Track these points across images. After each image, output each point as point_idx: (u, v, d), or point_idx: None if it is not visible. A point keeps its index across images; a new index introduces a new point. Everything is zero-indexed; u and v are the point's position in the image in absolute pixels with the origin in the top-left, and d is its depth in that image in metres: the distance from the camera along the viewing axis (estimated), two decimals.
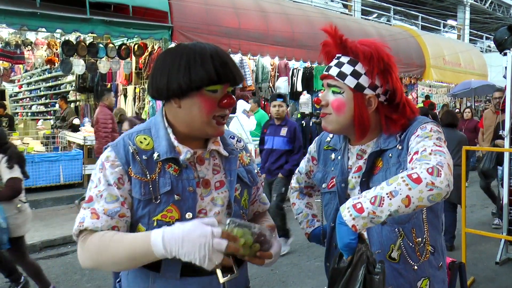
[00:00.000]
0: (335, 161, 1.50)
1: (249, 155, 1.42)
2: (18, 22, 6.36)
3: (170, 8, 7.77)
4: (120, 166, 1.20)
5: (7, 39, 8.34)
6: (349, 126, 1.40)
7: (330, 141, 1.56)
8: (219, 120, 1.24)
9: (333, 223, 1.44)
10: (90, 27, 6.94)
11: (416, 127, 1.34)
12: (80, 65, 8.48)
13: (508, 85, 4.55)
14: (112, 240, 1.13)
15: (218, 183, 1.28)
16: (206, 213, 1.24)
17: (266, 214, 1.53)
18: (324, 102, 1.43)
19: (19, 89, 16.47)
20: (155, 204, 1.19)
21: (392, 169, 1.34)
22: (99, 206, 1.17)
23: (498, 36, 4.87)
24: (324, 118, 1.44)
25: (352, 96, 1.38)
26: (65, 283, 4.10)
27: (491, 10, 23.14)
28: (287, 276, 4.25)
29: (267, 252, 1.16)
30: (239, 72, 1.25)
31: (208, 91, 1.20)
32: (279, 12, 9.75)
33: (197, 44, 1.23)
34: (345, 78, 1.38)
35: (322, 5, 15.53)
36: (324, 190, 1.52)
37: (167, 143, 1.23)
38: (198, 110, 1.20)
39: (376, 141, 1.42)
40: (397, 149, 1.36)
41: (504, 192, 4.63)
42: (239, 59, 9.62)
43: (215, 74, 1.17)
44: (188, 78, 1.16)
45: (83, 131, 8.08)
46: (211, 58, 1.18)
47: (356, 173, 1.43)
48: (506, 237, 4.54)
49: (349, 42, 1.42)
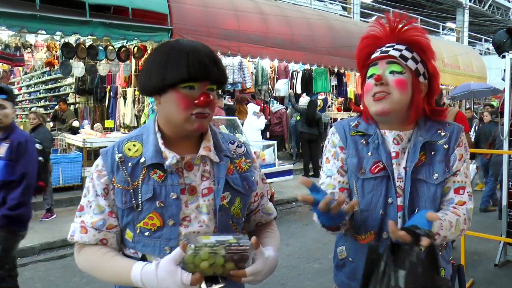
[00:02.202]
0: (371, 146, 1.44)
1: (249, 161, 1.36)
2: (17, 24, 6.36)
3: (170, 11, 7.78)
4: (106, 176, 1.22)
5: (6, 41, 8.35)
6: (405, 108, 1.41)
7: (358, 126, 1.50)
8: (197, 116, 1.19)
9: (383, 211, 1.40)
10: (89, 29, 6.94)
11: (459, 134, 1.45)
12: (80, 67, 8.49)
13: (506, 87, 4.56)
14: (100, 263, 1.21)
15: (206, 190, 1.24)
16: (190, 221, 1.21)
17: (270, 225, 1.45)
18: (384, 80, 1.39)
19: (18, 91, 16.45)
20: (137, 211, 1.20)
21: (438, 166, 1.41)
22: (88, 218, 1.23)
23: (497, 39, 4.89)
24: (382, 100, 1.38)
25: (412, 78, 1.40)
26: (65, 286, 4.10)
27: (490, 13, 23.17)
28: (286, 278, 4.24)
29: (240, 271, 1.11)
30: (220, 70, 1.21)
31: (184, 89, 1.17)
32: (278, 14, 9.77)
33: (179, 41, 1.22)
34: (407, 60, 1.41)
35: (321, 7, 15.56)
36: (367, 176, 1.43)
37: (154, 148, 1.22)
38: (174, 107, 1.18)
39: (416, 130, 1.44)
40: (443, 147, 1.42)
41: (503, 194, 4.64)
42: (239, 61, 9.65)
43: (187, 72, 1.15)
44: (162, 76, 1.16)
45: (82, 133, 8.08)
46: (187, 56, 1.16)
47: (395, 159, 1.42)
48: (505, 239, 4.54)
49: (410, 30, 1.46)
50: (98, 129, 8.56)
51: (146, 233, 1.19)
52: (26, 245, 4.89)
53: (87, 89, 10.60)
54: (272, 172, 6.11)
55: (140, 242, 1.21)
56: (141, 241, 1.21)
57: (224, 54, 8.68)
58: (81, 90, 10.77)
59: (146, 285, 1.10)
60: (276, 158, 6.37)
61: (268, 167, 6.07)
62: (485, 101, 16.83)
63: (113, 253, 1.22)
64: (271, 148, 6.44)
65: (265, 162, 6.12)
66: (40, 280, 4.29)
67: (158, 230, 1.19)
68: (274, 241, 1.36)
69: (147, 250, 1.20)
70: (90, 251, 1.22)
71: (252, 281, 1.14)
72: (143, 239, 1.20)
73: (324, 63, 10.21)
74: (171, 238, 1.18)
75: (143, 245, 1.20)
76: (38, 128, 5.87)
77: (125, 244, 1.26)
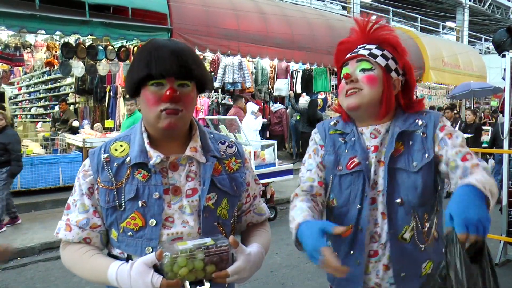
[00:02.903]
0: (348, 143, 1.49)
1: (239, 162, 1.35)
2: (17, 24, 6.36)
3: (169, 10, 7.78)
4: (91, 175, 1.25)
5: (6, 41, 8.34)
6: (376, 103, 1.44)
7: (336, 125, 1.55)
8: (167, 112, 1.17)
9: (360, 205, 1.42)
10: (89, 29, 6.95)
11: (437, 120, 1.44)
12: (80, 67, 8.48)
13: (507, 86, 4.56)
14: (80, 261, 1.22)
15: (190, 191, 1.23)
16: (173, 221, 1.21)
17: (262, 225, 1.44)
18: (353, 77, 1.44)
19: (18, 91, 16.48)
20: (120, 211, 1.21)
21: (417, 155, 1.40)
22: (73, 217, 1.25)
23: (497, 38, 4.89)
24: (353, 96, 1.43)
25: (382, 74, 1.44)
26: (65, 286, 4.10)
27: (490, 12, 23.17)
28: (287, 278, 4.24)
29: (222, 272, 1.11)
30: (190, 65, 1.18)
31: (151, 86, 1.18)
32: (278, 14, 9.77)
33: (151, 41, 1.23)
34: (376, 57, 1.45)
35: (321, 7, 15.56)
36: (343, 172, 1.46)
37: (139, 148, 1.23)
38: (145, 105, 1.21)
39: (394, 122, 1.47)
40: (421, 136, 1.43)
41: (503, 193, 4.64)
42: (239, 61, 9.64)
43: (148, 69, 1.15)
44: (131, 75, 1.20)
45: (82, 133, 8.07)
46: (149, 54, 1.17)
47: (374, 153, 1.45)
48: (505, 239, 4.54)
49: (378, 30, 1.50)
50: (98, 129, 8.56)
51: (129, 233, 1.20)
52: (26, 245, 4.90)
53: (87, 89, 10.60)
54: (272, 172, 6.11)
55: (124, 241, 1.22)
56: (124, 241, 1.22)
57: (224, 53, 8.69)
58: (81, 90, 10.76)
59: (121, 285, 1.12)
60: (276, 158, 6.37)
61: (268, 166, 6.08)
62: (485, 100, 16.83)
63: (93, 252, 1.23)
64: (271, 147, 6.44)
65: (265, 161, 6.12)
66: (40, 280, 4.29)
67: (140, 230, 1.19)
68: (261, 238, 1.35)
69: (130, 250, 1.20)
70: (73, 249, 1.24)
71: (238, 280, 1.13)
72: (126, 239, 1.21)
73: (324, 62, 10.21)
74: (153, 238, 1.19)
75: (126, 245, 1.21)
76: (4, 129, 5.45)
77: (112, 244, 1.27)
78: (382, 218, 1.42)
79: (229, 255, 1.13)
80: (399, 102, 1.49)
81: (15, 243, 4.66)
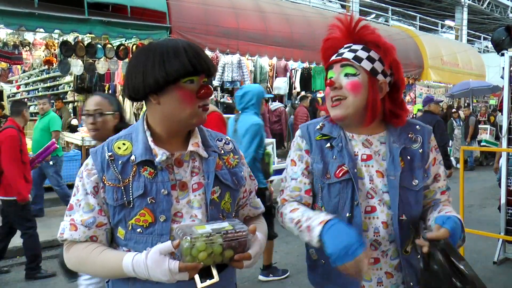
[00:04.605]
0: (335, 149, 1.46)
1: (237, 157, 1.38)
2: (16, 22, 6.34)
3: (169, 9, 7.77)
4: (96, 174, 1.24)
5: (5, 39, 8.31)
6: (362, 111, 1.42)
7: (322, 129, 1.52)
8: (204, 108, 1.25)
9: (350, 213, 1.41)
10: (88, 27, 6.93)
11: (429, 137, 1.51)
12: (78, 65, 8.46)
13: (505, 85, 4.57)
14: (90, 257, 1.21)
15: (196, 185, 1.26)
16: (182, 216, 1.23)
17: (259, 217, 1.49)
18: (337, 84, 1.42)
19: (17, 90, 16.43)
20: (129, 208, 1.21)
21: (418, 172, 1.46)
22: (77, 216, 1.24)
23: (495, 37, 4.90)
24: (338, 106, 1.42)
25: (367, 79, 1.41)
26: (64, 284, 4.10)
27: (488, 11, 23.18)
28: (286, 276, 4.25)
29: (246, 253, 1.14)
30: (213, 63, 1.26)
31: (185, 83, 1.20)
32: (277, 12, 9.76)
33: (168, 40, 1.26)
34: (361, 61, 1.41)
35: (320, 5, 15.55)
36: (332, 181, 1.44)
37: (144, 146, 1.24)
38: (178, 103, 1.20)
39: (387, 135, 1.47)
40: (419, 152, 1.46)
41: (502, 192, 4.65)
42: (238, 59, 9.63)
43: (190, 65, 1.18)
44: (164, 72, 1.17)
45: (81, 132, 8.06)
46: (184, 50, 1.19)
47: (366, 161, 1.44)
48: (504, 237, 4.55)
49: (363, 30, 1.47)
50: None
51: (138, 229, 1.21)
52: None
53: (86, 87, 10.57)
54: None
55: (132, 239, 1.22)
56: (133, 238, 1.22)
57: (223, 52, 8.67)
58: (80, 88, 10.74)
59: (139, 274, 1.13)
60: (275, 156, 6.37)
61: None
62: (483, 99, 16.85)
63: (102, 248, 1.23)
64: (270, 146, 6.44)
65: None
66: (39, 278, 4.30)
67: (150, 226, 1.20)
68: (260, 229, 1.36)
69: (139, 246, 1.21)
70: (80, 248, 1.23)
71: (251, 265, 1.18)
72: (135, 236, 1.21)
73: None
74: (163, 233, 1.20)
75: (135, 242, 1.21)
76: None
77: (117, 242, 1.27)
78: (383, 227, 1.42)
79: (247, 241, 1.14)
80: (385, 108, 1.46)
81: (13, 241, 4.65)
